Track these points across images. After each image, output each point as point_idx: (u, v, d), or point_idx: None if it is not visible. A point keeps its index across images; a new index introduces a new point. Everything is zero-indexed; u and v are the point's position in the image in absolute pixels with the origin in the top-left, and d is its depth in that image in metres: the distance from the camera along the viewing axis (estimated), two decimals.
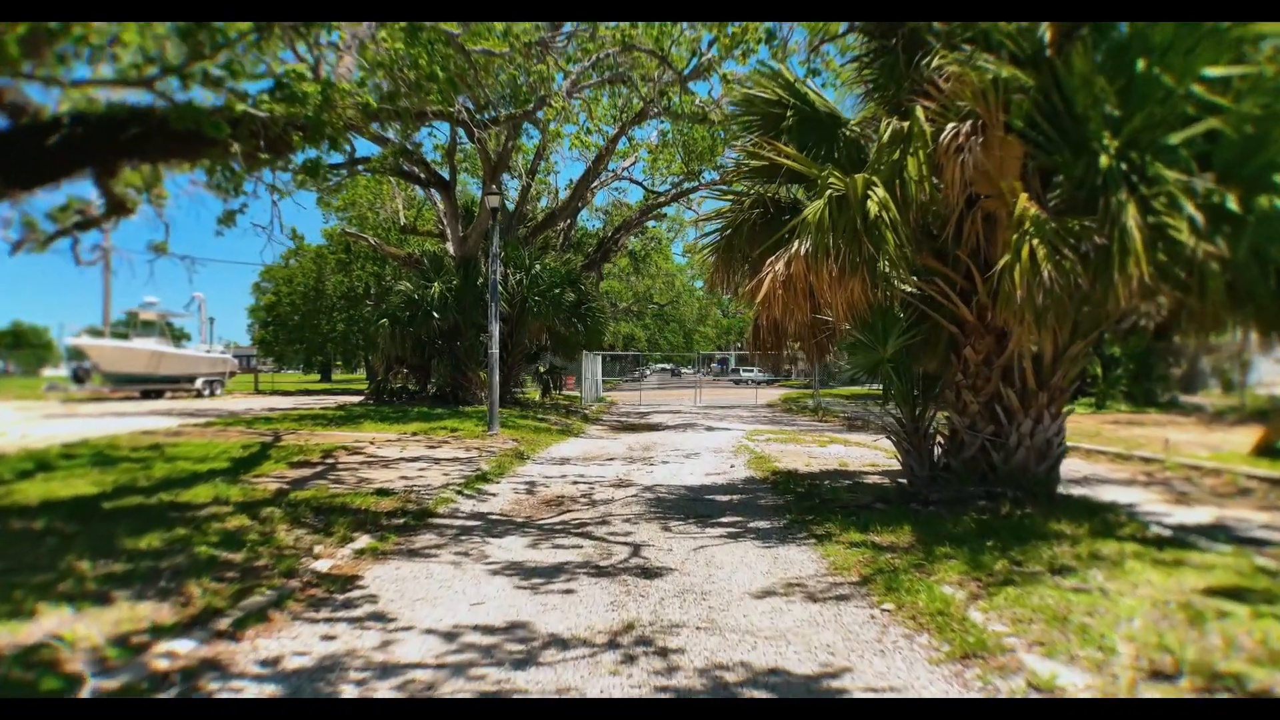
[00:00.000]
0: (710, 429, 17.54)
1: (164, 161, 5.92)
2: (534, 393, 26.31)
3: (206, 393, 28.89)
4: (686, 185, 25.98)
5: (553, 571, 5.00)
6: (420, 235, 24.96)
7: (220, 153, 5.28)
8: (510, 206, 24.08)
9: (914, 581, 4.41)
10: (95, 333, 26.38)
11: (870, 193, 5.76)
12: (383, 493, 7.51)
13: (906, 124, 5.98)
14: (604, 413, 23.87)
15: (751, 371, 59.80)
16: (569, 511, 7.22)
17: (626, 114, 20.72)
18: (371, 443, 11.99)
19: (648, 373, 70.00)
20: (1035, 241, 5.17)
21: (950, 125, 5.72)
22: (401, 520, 6.41)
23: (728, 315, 68.28)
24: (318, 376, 54.79)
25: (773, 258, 6.44)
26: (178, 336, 33.04)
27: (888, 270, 6.02)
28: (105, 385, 25.72)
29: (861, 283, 5.96)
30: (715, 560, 5.28)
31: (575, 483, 9.03)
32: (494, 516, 6.93)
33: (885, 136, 6.04)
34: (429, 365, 22.22)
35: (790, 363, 8.41)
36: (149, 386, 26.80)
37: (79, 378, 25.69)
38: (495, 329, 14.26)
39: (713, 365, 71.54)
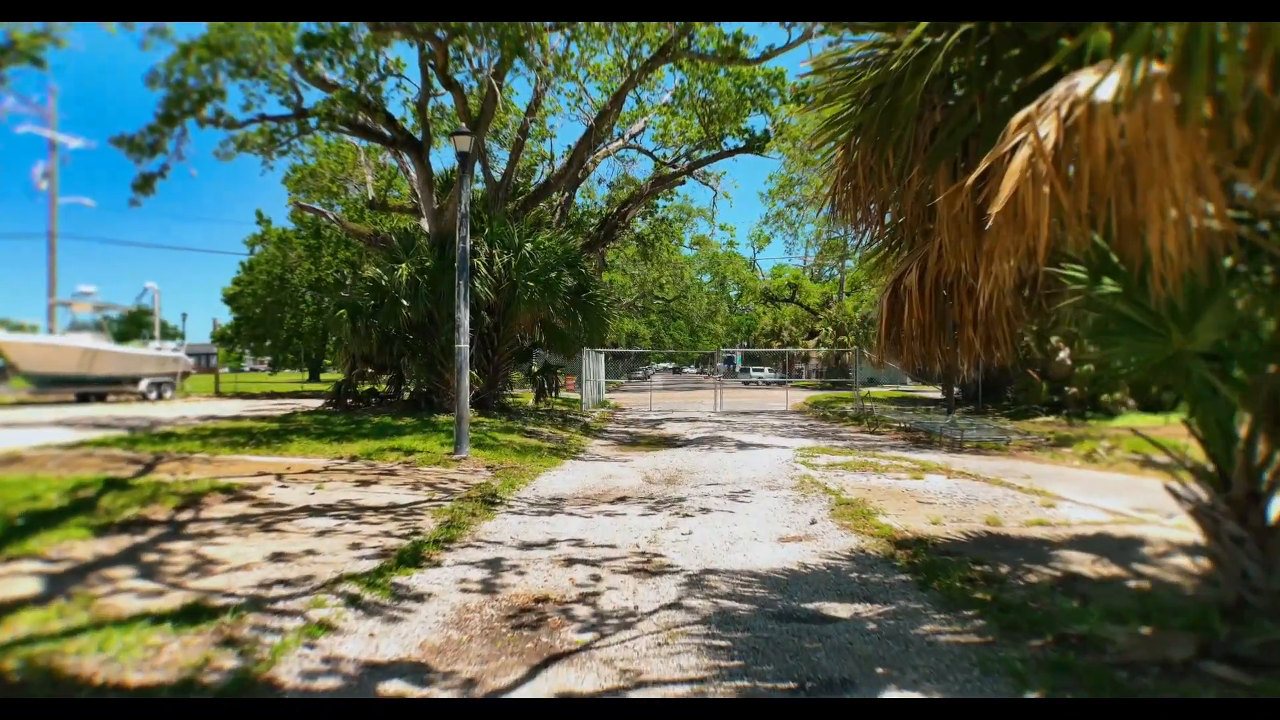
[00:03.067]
0: (743, 445, 13.88)
1: None
2: (527, 396, 22.66)
3: (153, 396, 25.16)
4: (704, 154, 22.30)
5: None
6: (392, 211, 21.23)
7: None
8: (498, 177, 20.42)
9: None
10: (12, 327, 22.69)
11: None
12: (190, 615, 3.86)
13: None
14: (608, 421, 20.22)
15: (762, 371, 56.42)
16: (553, 661, 3.58)
17: (636, 60, 17.06)
18: (279, 476, 8.34)
19: (651, 372, 66.78)
20: None
21: None
22: None
23: (736, 312, 64.63)
24: (305, 376, 51.11)
25: (1020, 116, 2.80)
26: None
27: None
28: (28, 388, 22.10)
29: None
30: None
31: (569, 562, 5.39)
32: (394, 689, 3.29)
33: None
34: (400, 364, 18.61)
35: (929, 362, 4.60)
36: (83, 389, 23.13)
37: None
38: (464, 316, 10.58)
39: (719, 365, 68.29)
